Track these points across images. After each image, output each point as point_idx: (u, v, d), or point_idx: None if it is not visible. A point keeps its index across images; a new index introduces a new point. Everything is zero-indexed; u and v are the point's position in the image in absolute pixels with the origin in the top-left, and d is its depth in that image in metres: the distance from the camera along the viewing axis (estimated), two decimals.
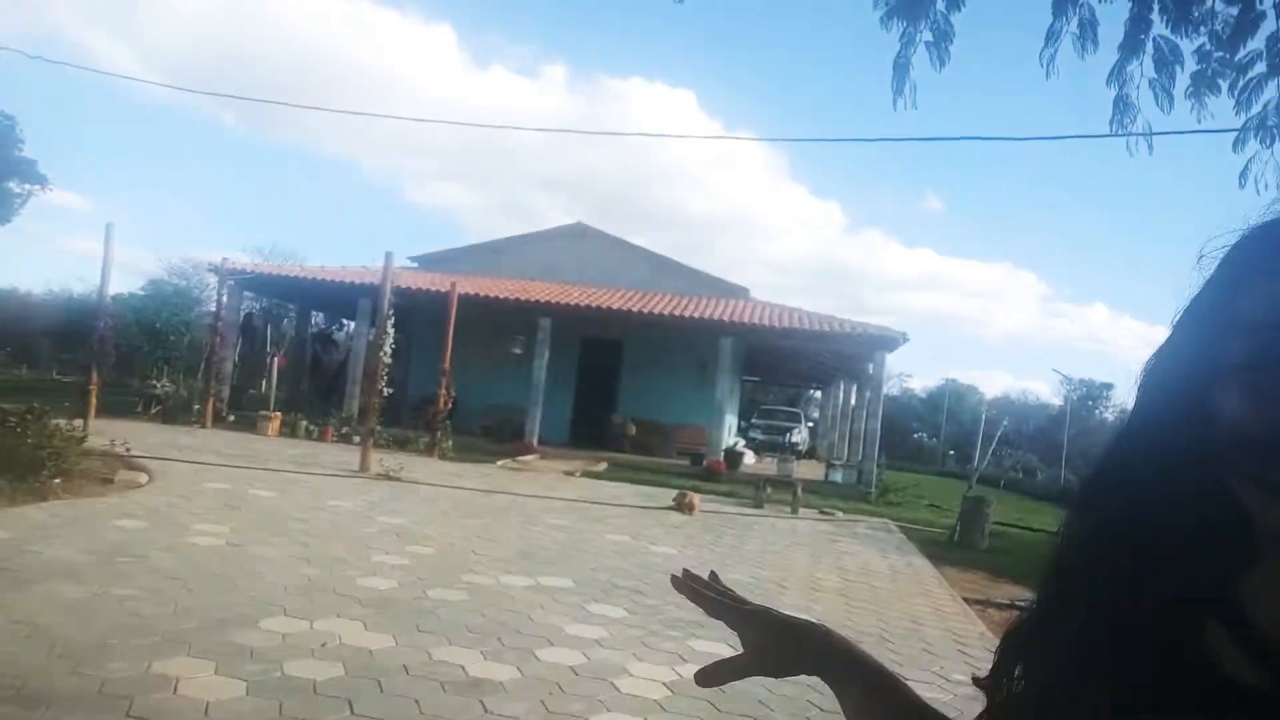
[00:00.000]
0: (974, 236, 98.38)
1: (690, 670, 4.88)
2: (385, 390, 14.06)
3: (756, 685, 4.77)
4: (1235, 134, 2.78)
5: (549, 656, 4.88)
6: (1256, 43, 2.74)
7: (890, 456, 35.59)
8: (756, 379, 38.23)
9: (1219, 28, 2.80)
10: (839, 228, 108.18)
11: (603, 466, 17.35)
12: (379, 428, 14.06)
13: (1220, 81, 2.85)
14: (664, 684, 4.64)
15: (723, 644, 5.56)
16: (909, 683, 3.44)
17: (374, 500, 9.96)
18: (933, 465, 41.76)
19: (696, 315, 19.44)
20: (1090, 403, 51.94)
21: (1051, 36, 2.85)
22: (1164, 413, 0.56)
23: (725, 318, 19.38)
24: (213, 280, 21.61)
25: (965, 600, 8.22)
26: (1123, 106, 2.93)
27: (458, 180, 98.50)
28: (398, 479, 11.83)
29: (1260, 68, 2.75)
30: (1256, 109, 2.75)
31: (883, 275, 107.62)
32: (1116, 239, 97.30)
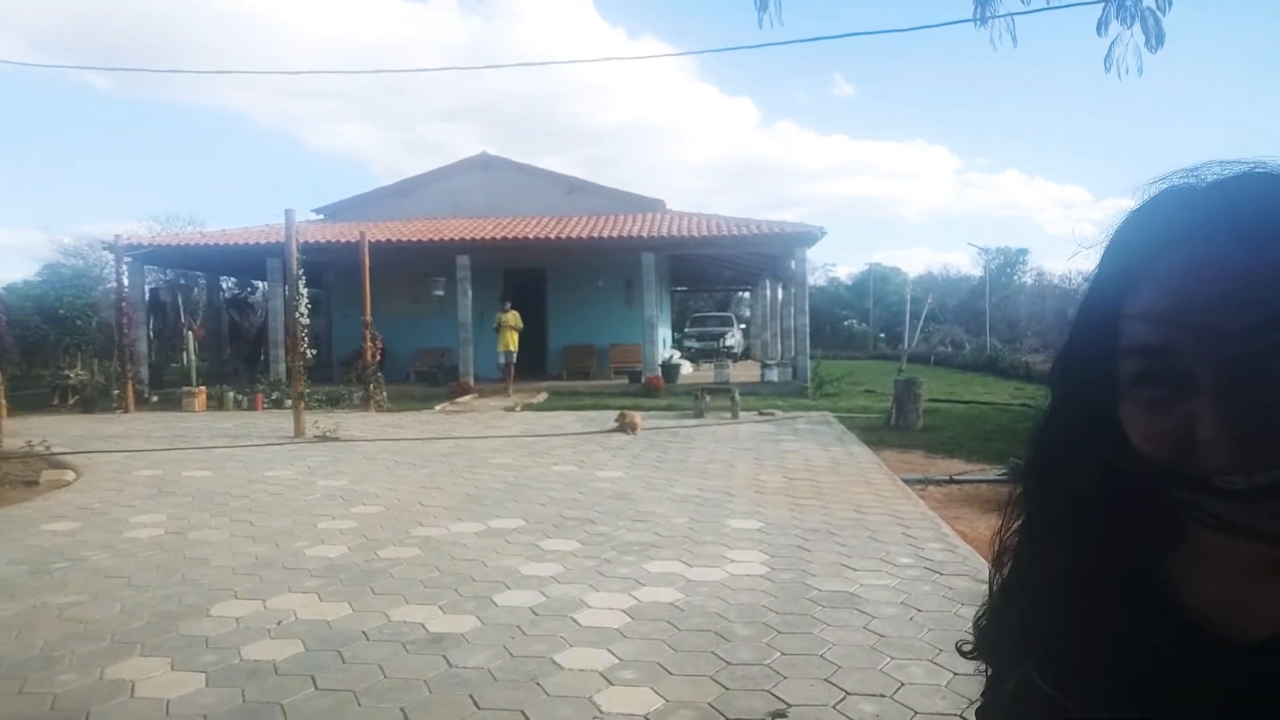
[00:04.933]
0: (885, 118, 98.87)
1: (648, 593, 5.00)
2: (309, 351, 13.73)
3: (714, 598, 4.90)
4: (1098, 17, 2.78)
5: (507, 600, 4.93)
6: None
7: (824, 347, 36.34)
8: (684, 288, 38.32)
9: None
10: (752, 123, 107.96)
11: (542, 397, 17.34)
12: (309, 389, 13.77)
13: None
14: (623, 611, 4.73)
15: (677, 561, 5.69)
16: (856, 572, 3.59)
17: (313, 465, 9.82)
18: (865, 350, 42.71)
19: (614, 234, 19.27)
20: (1009, 270, 53.26)
21: None
22: (1078, 419, 0.58)
23: (643, 234, 19.26)
24: (111, 258, 20.59)
25: (905, 482, 8.51)
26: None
27: (357, 120, 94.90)
28: (335, 439, 11.67)
29: None
30: None
31: (800, 166, 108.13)
32: (1021, 106, 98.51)
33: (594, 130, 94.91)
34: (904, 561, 5.63)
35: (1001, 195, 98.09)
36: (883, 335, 47.13)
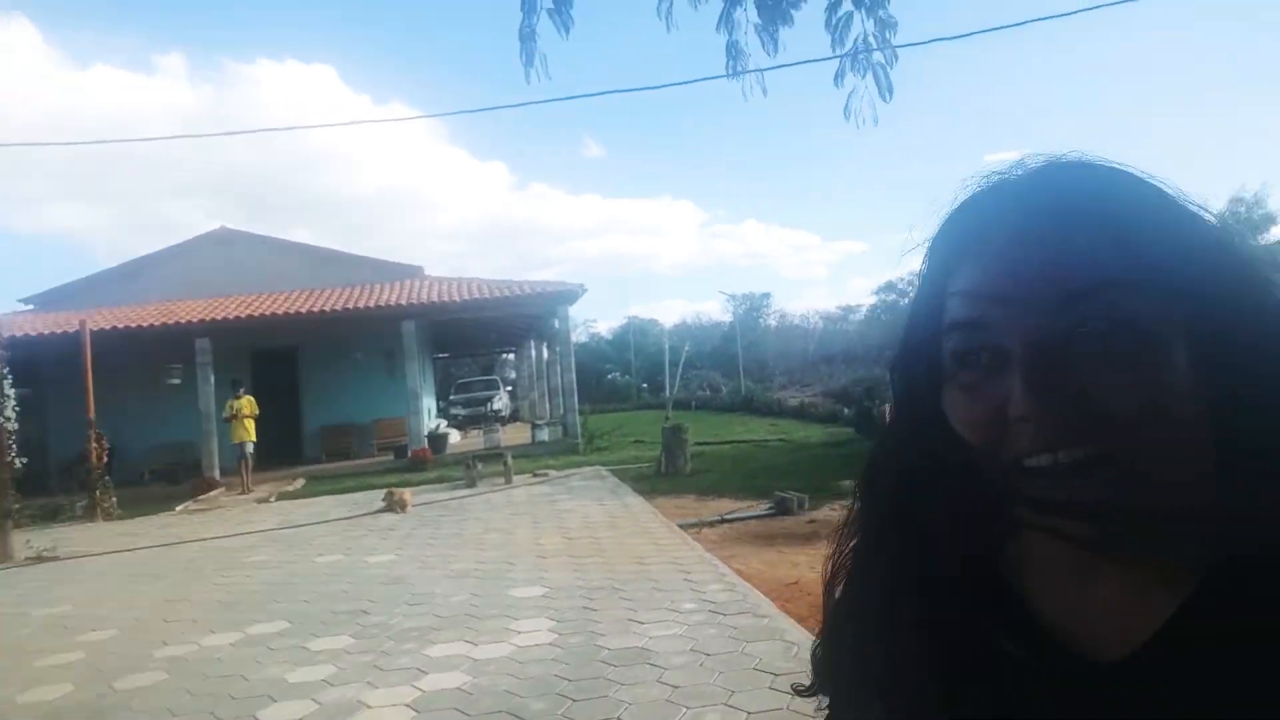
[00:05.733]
0: (633, 175, 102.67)
1: (432, 681, 4.69)
2: (19, 460, 12.02)
3: (503, 675, 4.68)
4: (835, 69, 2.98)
5: (274, 715, 4.44)
6: None
7: (590, 401, 36.78)
8: (446, 355, 37.63)
9: None
10: (506, 186, 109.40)
11: (300, 484, 16.23)
12: (19, 504, 12.02)
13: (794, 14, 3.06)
14: (407, 705, 4.39)
15: (461, 642, 5.40)
16: (644, 625, 3.51)
17: (25, 592, 8.51)
18: (630, 401, 43.73)
19: (372, 304, 18.58)
20: (755, 313, 56.85)
21: None
22: (912, 417, 0.57)
23: (403, 301, 18.70)
24: None
25: (680, 527, 8.66)
26: (734, 52, 3.05)
27: (74, 200, 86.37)
28: (54, 558, 10.22)
29: (848, 5, 2.95)
30: (849, 44, 2.96)
31: (554, 226, 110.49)
32: (756, 160, 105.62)
33: (344, 200, 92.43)
34: (688, 608, 5.68)
35: (743, 244, 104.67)
36: (645, 385, 48.50)
